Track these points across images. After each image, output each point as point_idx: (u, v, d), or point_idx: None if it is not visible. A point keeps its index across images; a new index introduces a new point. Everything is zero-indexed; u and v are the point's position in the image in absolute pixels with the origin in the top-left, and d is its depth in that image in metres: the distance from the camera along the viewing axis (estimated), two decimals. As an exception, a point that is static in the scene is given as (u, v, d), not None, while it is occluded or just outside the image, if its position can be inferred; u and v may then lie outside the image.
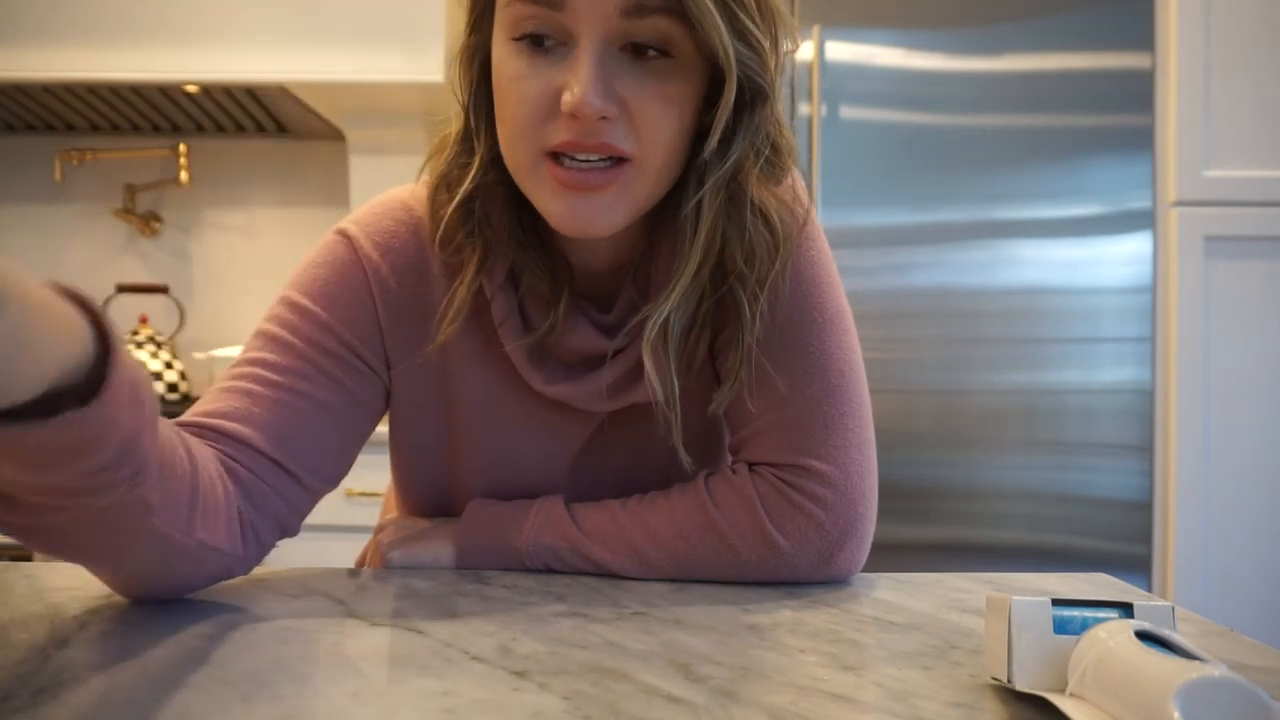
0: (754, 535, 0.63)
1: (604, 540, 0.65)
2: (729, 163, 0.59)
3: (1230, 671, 0.36)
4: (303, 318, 0.65)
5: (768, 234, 0.62)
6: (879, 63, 1.75)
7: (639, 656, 0.48)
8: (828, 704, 0.42)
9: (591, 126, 0.55)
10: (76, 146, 2.19)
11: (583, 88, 0.54)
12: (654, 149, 0.57)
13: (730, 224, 0.61)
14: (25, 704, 0.40)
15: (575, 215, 0.58)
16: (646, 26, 0.55)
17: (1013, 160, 1.75)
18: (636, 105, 0.56)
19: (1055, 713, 0.39)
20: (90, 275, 2.22)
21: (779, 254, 0.63)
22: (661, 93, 0.56)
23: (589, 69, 0.54)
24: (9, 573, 0.62)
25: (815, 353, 0.66)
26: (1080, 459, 1.74)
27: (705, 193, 0.60)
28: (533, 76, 0.56)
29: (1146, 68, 1.75)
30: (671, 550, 0.64)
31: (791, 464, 0.64)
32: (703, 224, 0.60)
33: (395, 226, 0.68)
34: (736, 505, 0.64)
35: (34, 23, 1.80)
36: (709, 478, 0.67)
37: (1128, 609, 0.42)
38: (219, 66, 1.82)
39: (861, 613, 0.58)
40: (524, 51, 0.56)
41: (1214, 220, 1.75)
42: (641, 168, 0.58)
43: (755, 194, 0.61)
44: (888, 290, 1.73)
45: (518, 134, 0.58)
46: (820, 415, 0.65)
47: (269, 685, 0.43)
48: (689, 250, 0.61)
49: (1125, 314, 1.75)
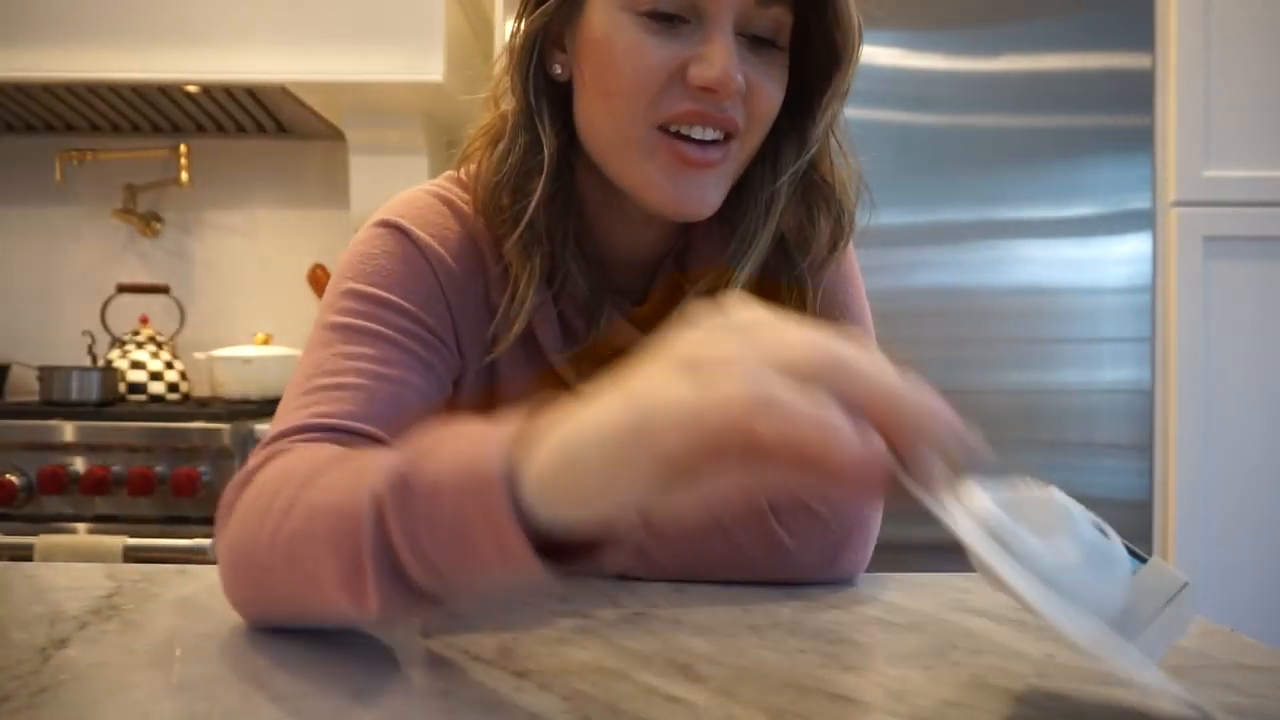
0: (759, 533, 0.63)
1: None
2: (812, 150, 0.63)
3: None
4: (384, 308, 0.62)
5: (837, 215, 0.66)
6: (879, 63, 1.75)
7: (639, 656, 0.48)
8: (828, 704, 0.42)
9: (723, 103, 0.57)
10: (76, 146, 2.19)
11: (725, 62, 0.56)
12: (759, 129, 0.60)
13: (803, 206, 0.65)
14: (25, 704, 0.40)
15: (685, 195, 0.59)
16: (769, 15, 0.58)
17: (1013, 160, 1.75)
18: (755, 85, 0.58)
19: (1060, 704, 0.39)
20: (90, 275, 2.22)
21: (844, 234, 0.67)
22: (774, 76, 0.60)
23: (728, 44, 0.56)
24: (9, 573, 0.62)
25: None
26: (1080, 459, 1.74)
27: (784, 180, 0.63)
28: (658, 47, 0.57)
29: (1146, 68, 1.75)
30: (677, 548, 0.64)
31: None
32: (776, 208, 0.63)
33: (442, 220, 0.66)
34: (745, 505, 0.64)
35: (34, 23, 1.80)
36: None
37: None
38: (219, 66, 1.82)
39: (862, 613, 0.58)
40: (646, 24, 0.57)
41: (1214, 220, 1.75)
42: (743, 146, 0.60)
43: (831, 180, 0.65)
44: (887, 290, 1.73)
45: (631, 103, 0.58)
46: None
47: (269, 685, 0.43)
48: (763, 227, 0.63)
49: (1125, 314, 1.75)
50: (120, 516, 1.61)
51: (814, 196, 0.65)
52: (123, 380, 1.96)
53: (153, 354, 2.01)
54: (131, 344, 2.02)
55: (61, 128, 2.20)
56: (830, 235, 0.66)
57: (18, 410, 1.78)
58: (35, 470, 1.61)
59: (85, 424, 1.64)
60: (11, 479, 1.60)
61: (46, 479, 1.59)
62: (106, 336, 2.09)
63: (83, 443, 1.63)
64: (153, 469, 1.60)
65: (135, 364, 1.99)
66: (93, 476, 1.59)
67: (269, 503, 0.48)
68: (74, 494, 1.61)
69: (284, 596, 0.48)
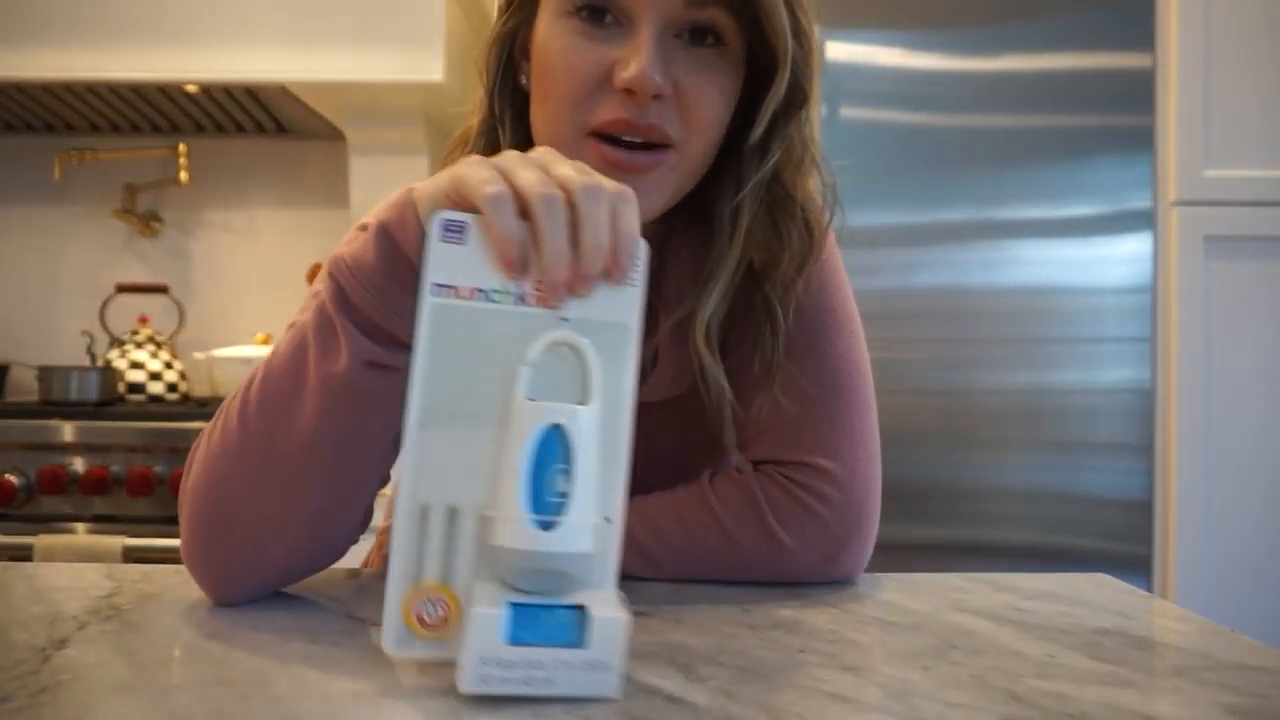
0: (759, 533, 0.63)
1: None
2: (770, 163, 0.61)
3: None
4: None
5: (804, 231, 0.64)
6: (879, 63, 1.75)
7: (639, 656, 0.47)
8: (828, 704, 0.42)
9: (644, 105, 0.56)
10: (76, 146, 2.19)
11: (642, 63, 0.55)
12: (699, 136, 0.59)
13: (769, 223, 0.63)
14: (25, 704, 0.40)
15: None
16: (704, 16, 0.57)
17: (1013, 160, 1.75)
18: (688, 89, 0.57)
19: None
20: (90, 275, 2.22)
21: (813, 250, 0.65)
22: (712, 80, 0.58)
23: (649, 45, 0.55)
24: (9, 573, 0.62)
25: (825, 354, 0.66)
26: (1080, 459, 1.74)
27: (746, 195, 0.61)
28: (585, 50, 0.57)
29: (1146, 68, 1.75)
30: (677, 548, 0.64)
31: (797, 461, 0.64)
32: (741, 222, 0.62)
33: None
34: (741, 502, 0.64)
35: (34, 23, 1.80)
36: (713, 476, 0.67)
37: None
38: (219, 66, 1.82)
39: (862, 613, 0.58)
40: (578, 26, 0.57)
41: (1214, 220, 1.75)
42: (682, 154, 0.59)
43: (795, 192, 0.63)
44: (887, 290, 1.73)
45: (563, 108, 0.58)
46: (827, 414, 0.65)
47: (269, 685, 0.43)
48: (728, 248, 0.62)
49: (1125, 314, 1.75)
50: (119, 516, 1.61)
51: (779, 213, 0.63)
52: (122, 380, 1.96)
53: (152, 354, 2.01)
54: (131, 344, 2.02)
55: (61, 127, 2.20)
56: (799, 252, 0.64)
57: (17, 410, 1.78)
58: (34, 470, 1.61)
59: (84, 424, 1.64)
60: (11, 479, 1.60)
61: (46, 479, 1.59)
62: (106, 336, 2.09)
63: (82, 443, 1.63)
64: (152, 469, 1.60)
65: (134, 364, 1.99)
66: (92, 476, 1.59)
67: (217, 420, 0.55)
68: (73, 494, 1.61)
69: (248, 497, 0.52)
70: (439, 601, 0.42)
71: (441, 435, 0.42)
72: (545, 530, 0.40)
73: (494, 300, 0.43)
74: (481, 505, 0.42)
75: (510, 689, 0.40)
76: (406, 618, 0.42)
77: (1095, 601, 0.61)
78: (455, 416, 0.42)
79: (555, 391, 0.43)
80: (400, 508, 0.42)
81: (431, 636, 0.42)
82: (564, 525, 0.40)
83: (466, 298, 0.43)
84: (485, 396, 0.42)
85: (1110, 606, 0.60)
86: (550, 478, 0.41)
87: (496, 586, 0.41)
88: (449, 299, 0.43)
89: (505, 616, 0.40)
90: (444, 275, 0.43)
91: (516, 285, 0.43)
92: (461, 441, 0.42)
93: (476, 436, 0.42)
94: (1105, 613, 0.58)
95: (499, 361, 0.43)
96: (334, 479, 0.52)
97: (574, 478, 0.41)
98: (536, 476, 0.41)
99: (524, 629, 0.40)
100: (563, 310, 0.43)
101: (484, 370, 0.43)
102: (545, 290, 0.43)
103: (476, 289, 0.43)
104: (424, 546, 0.42)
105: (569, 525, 0.40)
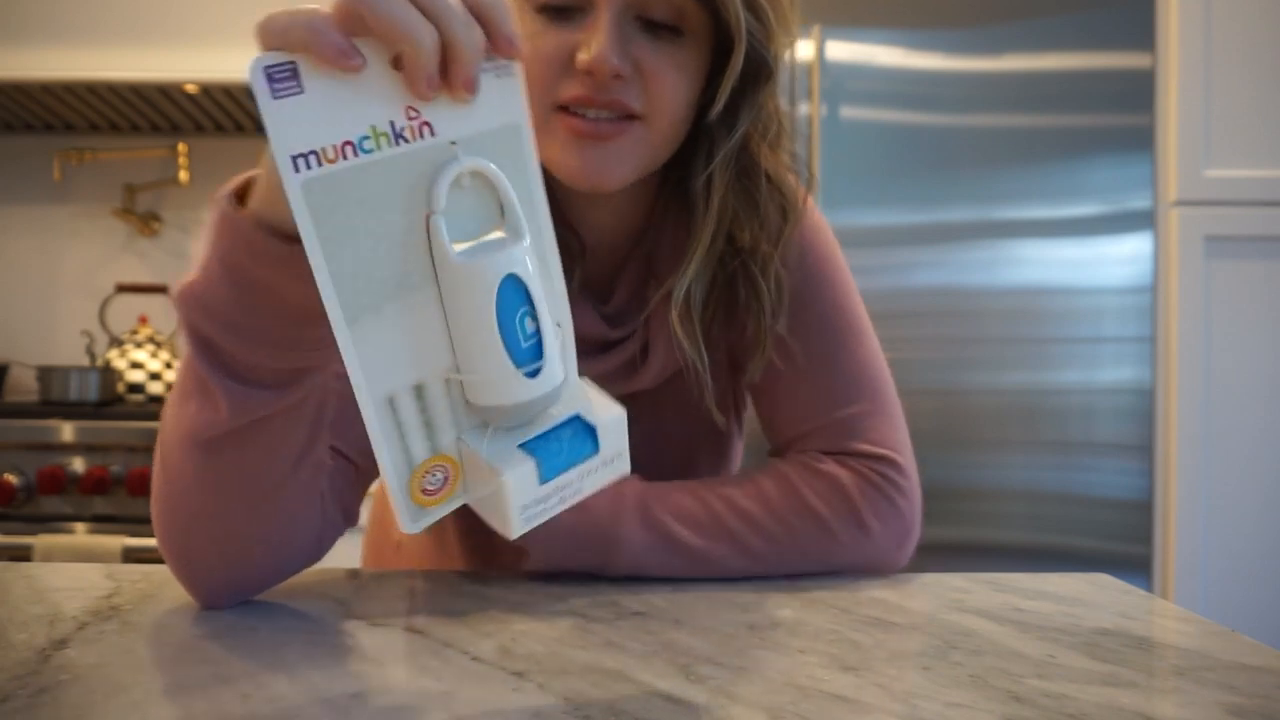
0: (850, 522, 0.65)
1: (698, 525, 0.63)
2: (737, 135, 0.62)
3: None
4: None
5: (781, 199, 0.66)
6: (879, 63, 1.75)
7: (639, 656, 0.47)
8: (828, 704, 0.42)
9: (605, 84, 0.57)
10: (76, 146, 2.19)
11: (600, 45, 0.56)
12: (663, 111, 0.60)
13: (742, 194, 0.65)
14: (25, 704, 0.40)
15: (587, 165, 0.60)
16: (663, 1, 0.58)
17: (1013, 160, 1.75)
18: (649, 68, 0.58)
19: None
20: (90, 275, 2.22)
21: (788, 219, 0.66)
22: (674, 59, 0.59)
23: (607, 28, 0.56)
24: (9, 573, 0.62)
25: (862, 358, 0.70)
26: (1080, 459, 1.74)
27: (716, 165, 0.63)
28: (549, 35, 0.58)
29: (1146, 68, 1.75)
30: (778, 541, 0.64)
31: (871, 453, 0.68)
32: (714, 194, 0.64)
33: None
34: (832, 492, 0.66)
35: (34, 23, 1.80)
36: (786, 465, 0.68)
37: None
38: (219, 66, 1.82)
39: (861, 613, 0.58)
40: (543, 17, 0.59)
41: (1214, 220, 1.75)
42: (650, 126, 0.60)
43: (765, 163, 0.65)
44: (887, 290, 1.73)
45: (533, 90, 0.60)
46: (882, 409, 0.70)
47: (269, 685, 0.43)
48: (703, 219, 0.64)
49: (1125, 314, 1.75)
50: (119, 517, 1.61)
51: (749, 183, 0.65)
52: (121, 380, 1.96)
53: (152, 354, 2.01)
54: (130, 344, 2.02)
55: (60, 127, 2.19)
56: (775, 221, 0.66)
57: (16, 410, 1.78)
58: (34, 470, 1.61)
59: (84, 424, 1.64)
60: (10, 479, 1.60)
61: (45, 479, 1.59)
62: (105, 336, 2.09)
63: (81, 443, 1.62)
64: (151, 469, 1.59)
65: (134, 364, 1.98)
66: (92, 476, 1.59)
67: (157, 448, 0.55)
68: (73, 494, 1.61)
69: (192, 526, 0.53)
70: (437, 469, 0.41)
71: (374, 322, 0.38)
72: (534, 377, 0.39)
73: (368, 151, 0.36)
74: (446, 368, 0.40)
75: (551, 513, 0.41)
76: (415, 498, 0.41)
77: (1095, 601, 0.61)
78: (380, 296, 0.38)
79: (473, 226, 0.39)
80: (365, 408, 0.38)
81: (442, 499, 0.42)
82: (546, 362, 0.39)
83: (335, 159, 0.36)
84: (404, 261, 0.38)
85: (1110, 606, 0.60)
86: (520, 324, 0.39)
87: (497, 436, 0.40)
88: (316, 170, 0.35)
89: (533, 464, 0.40)
90: (298, 141, 0.35)
91: (386, 120, 0.36)
92: (398, 319, 0.38)
93: (412, 305, 0.38)
94: (1105, 613, 0.58)
95: (404, 216, 0.37)
96: (261, 501, 0.52)
97: (539, 311, 0.39)
98: (508, 330, 0.38)
99: (550, 465, 0.40)
100: (448, 132, 0.37)
101: (390, 234, 0.37)
102: (420, 91, 0.36)
103: (345, 143, 0.36)
104: (404, 433, 0.40)
105: (549, 360, 0.40)
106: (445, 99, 0.37)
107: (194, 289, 0.45)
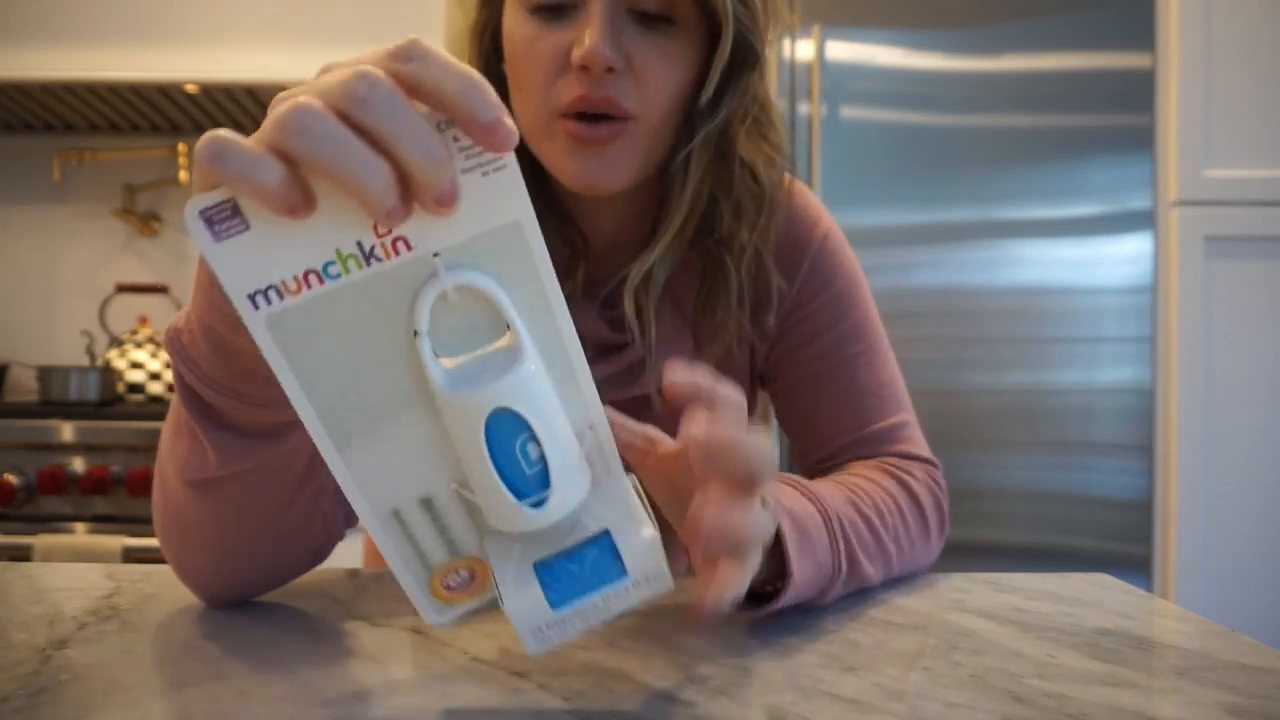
0: (939, 526, 0.68)
1: (870, 554, 0.59)
2: (719, 118, 0.63)
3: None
4: None
5: (755, 188, 0.67)
6: (879, 63, 1.75)
7: (639, 656, 0.47)
8: (828, 704, 0.42)
9: (600, 79, 0.58)
10: (76, 146, 2.19)
11: (593, 39, 0.57)
12: (655, 105, 0.60)
13: (718, 178, 0.65)
14: (25, 704, 0.40)
15: (586, 170, 0.60)
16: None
17: (1013, 160, 1.75)
18: (642, 61, 0.59)
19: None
20: (90, 275, 2.22)
21: (764, 209, 0.67)
22: (665, 51, 0.60)
23: (599, 23, 0.57)
24: (9, 573, 0.62)
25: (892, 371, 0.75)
26: (1080, 459, 1.74)
27: (695, 146, 0.63)
28: (545, 37, 0.59)
29: (1146, 68, 1.75)
30: (904, 549, 0.63)
31: (927, 459, 0.71)
32: (691, 175, 0.64)
33: None
34: (928, 497, 0.68)
35: (34, 23, 1.80)
36: (885, 472, 0.67)
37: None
38: (219, 66, 1.82)
39: (862, 613, 0.58)
40: (537, 18, 0.60)
41: (1214, 220, 1.75)
42: (642, 124, 0.61)
43: (743, 151, 0.66)
44: (888, 290, 1.73)
45: (532, 93, 0.61)
46: (913, 416, 0.74)
47: (269, 685, 0.43)
48: (678, 199, 0.64)
49: (1126, 314, 1.75)
50: (119, 517, 1.61)
51: (725, 169, 0.66)
52: (121, 380, 1.96)
53: (151, 354, 2.01)
54: (130, 344, 2.02)
55: (60, 127, 2.19)
56: (750, 209, 0.67)
57: (16, 410, 1.78)
58: (34, 470, 1.61)
59: (84, 424, 1.64)
60: (10, 479, 1.60)
61: (45, 479, 1.59)
62: (105, 336, 2.09)
63: (81, 443, 1.62)
64: (151, 469, 1.60)
65: (134, 364, 1.98)
66: (92, 476, 1.59)
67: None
68: (73, 494, 1.61)
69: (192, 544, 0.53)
70: (461, 569, 0.40)
71: (366, 444, 0.35)
72: (538, 508, 0.36)
73: (335, 277, 0.32)
74: (454, 478, 0.37)
75: (575, 635, 0.38)
76: (438, 595, 0.40)
77: (1095, 601, 0.61)
78: (370, 419, 0.35)
79: (471, 338, 0.35)
80: (370, 526, 0.37)
81: (470, 597, 0.40)
82: (555, 491, 0.36)
83: (299, 290, 0.32)
84: (393, 380, 0.35)
85: (1110, 606, 0.60)
86: (521, 453, 0.35)
87: (514, 549, 0.38)
88: (278, 304, 0.32)
89: (539, 591, 0.37)
90: (250, 280, 0.32)
91: (352, 241, 0.32)
92: (393, 438, 0.36)
93: (408, 422, 0.35)
94: (1105, 613, 0.58)
95: (388, 339, 0.34)
96: (258, 527, 0.52)
97: (542, 436, 0.35)
98: (505, 463, 0.35)
99: (562, 591, 0.37)
100: (429, 244, 0.33)
101: (374, 357, 0.34)
102: (382, 226, 0.32)
103: (308, 272, 0.32)
104: (416, 542, 0.39)
105: (559, 487, 0.36)
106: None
107: (180, 339, 0.43)
